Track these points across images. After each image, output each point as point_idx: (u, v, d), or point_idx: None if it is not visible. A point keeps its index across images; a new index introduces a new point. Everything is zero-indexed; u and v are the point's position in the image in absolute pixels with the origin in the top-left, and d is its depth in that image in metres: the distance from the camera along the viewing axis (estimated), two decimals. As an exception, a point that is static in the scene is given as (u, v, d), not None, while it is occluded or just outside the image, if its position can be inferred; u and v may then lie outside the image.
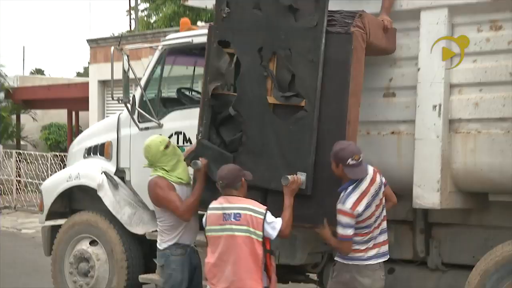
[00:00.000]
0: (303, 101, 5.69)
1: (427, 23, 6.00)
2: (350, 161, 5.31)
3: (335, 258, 5.63)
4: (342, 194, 5.37)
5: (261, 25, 5.98)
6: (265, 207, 5.40)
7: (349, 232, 5.32)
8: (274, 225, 5.36)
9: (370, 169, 5.46)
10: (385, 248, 5.56)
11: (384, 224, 5.57)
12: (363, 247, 5.47)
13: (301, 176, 5.54)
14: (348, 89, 5.59)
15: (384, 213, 5.56)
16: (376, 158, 6.10)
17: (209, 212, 5.51)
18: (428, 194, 5.90)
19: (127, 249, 7.94)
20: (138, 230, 7.86)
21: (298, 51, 5.75)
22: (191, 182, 6.32)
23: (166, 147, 6.25)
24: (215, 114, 6.14)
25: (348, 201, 5.32)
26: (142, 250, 8.05)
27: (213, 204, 5.49)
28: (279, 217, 5.41)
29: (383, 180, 5.50)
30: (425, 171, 5.90)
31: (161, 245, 6.22)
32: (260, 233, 5.30)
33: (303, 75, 5.72)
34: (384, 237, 5.56)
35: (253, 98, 5.95)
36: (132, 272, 7.93)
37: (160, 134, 7.62)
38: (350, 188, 5.35)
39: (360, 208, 5.32)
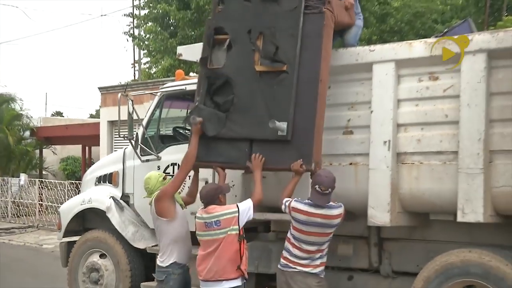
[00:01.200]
0: (285, 66, 5.90)
1: (378, 74, 6.03)
2: (316, 187, 5.42)
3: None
4: (299, 199, 5.57)
5: (250, 13, 6.29)
6: (236, 205, 5.53)
7: (287, 200, 5.61)
8: (247, 209, 5.51)
9: (336, 210, 5.47)
10: (317, 269, 5.58)
11: (321, 254, 5.59)
12: (292, 261, 5.57)
13: (283, 125, 5.65)
14: (321, 56, 5.82)
15: (326, 248, 5.61)
16: (337, 185, 6.04)
17: (196, 220, 5.61)
18: (380, 214, 5.88)
19: (131, 261, 7.85)
20: (140, 245, 7.77)
21: (281, 28, 6.03)
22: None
23: (164, 178, 6.25)
24: (210, 85, 6.25)
25: (295, 203, 5.51)
26: (143, 262, 7.94)
27: (197, 214, 5.61)
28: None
29: (336, 226, 5.53)
30: (377, 195, 5.89)
31: (163, 263, 6.11)
32: (237, 227, 5.41)
33: (285, 46, 5.95)
34: (320, 262, 5.61)
35: (244, 68, 6.12)
36: (135, 280, 7.83)
37: (159, 166, 7.63)
38: (305, 201, 5.50)
39: (296, 216, 5.47)
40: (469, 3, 19.12)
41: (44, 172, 24.35)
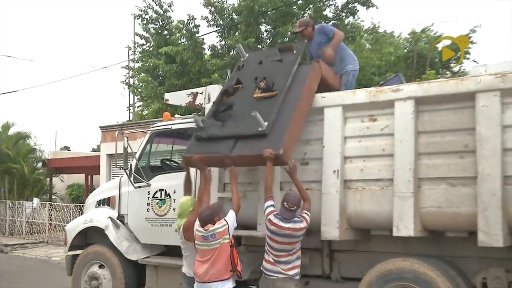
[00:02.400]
0: (276, 92, 6.16)
1: (328, 116, 6.07)
2: (285, 204, 5.53)
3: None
4: (275, 213, 5.57)
5: (260, 70, 6.77)
6: (224, 219, 5.50)
7: (270, 208, 5.62)
8: (232, 219, 5.56)
9: (301, 224, 5.49)
10: (291, 272, 5.58)
11: (291, 259, 5.59)
12: (268, 265, 5.61)
13: (264, 122, 5.72)
14: (304, 87, 6.09)
15: (296, 253, 5.63)
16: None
17: (195, 232, 5.58)
18: (331, 230, 5.86)
19: (125, 271, 7.73)
20: (133, 257, 7.66)
21: (279, 73, 6.48)
22: None
23: (192, 210, 6.09)
24: (218, 108, 6.50)
25: (271, 216, 5.55)
26: (136, 272, 7.81)
27: (197, 227, 5.57)
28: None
29: (300, 236, 5.54)
30: (328, 215, 5.87)
31: (183, 269, 6.23)
32: (228, 236, 5.44)
33: (279, 82, 6.29)
34: (287, 266, 5.59)
35: (245, 98, 6.39)
36: (129, 287, 7.75)
37: (149, 192, 7.56)
38: (278, 216, 5.53)
39: (269, 227, 5.52)
40: (399, 60, 19.53)
41: (53, 197, 24.17)
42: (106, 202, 8.28)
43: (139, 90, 20.10)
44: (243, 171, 6.29)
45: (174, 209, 6.82)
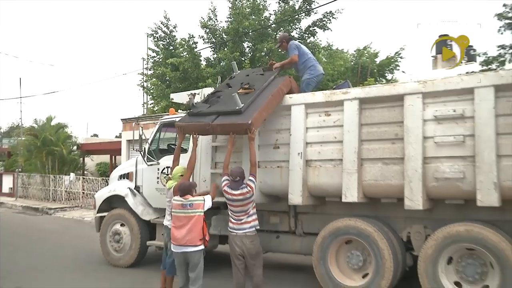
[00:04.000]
0: (253, 89, 6.24)
1: (294, 112, 6.04)
2: (231, 177, 5.48)
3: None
4: (228, 184, 5.46)
5: (246, 79, 6.80)
6: (203, 197, 5.36)
7: (224, 182, 5.52)
8: (209, 201, 5.37)
9: (246, 189, 5.35)
10: (247, 225, 5.40)
11: (248, 218, 5.41)
12: (233, 225, 5.44)
13: (241, 104, 5.78)
14: (275, 89, 6.12)
15: (251, 210, 5.44)
16: (270, 180, 6.08)
17: (173, 202, 5.39)
18: (296, 197, 5.87)
19: (141, 228, 7.63)
20: (146, 218, 7.57)
21: (260, 80, 6.55)
22: None
23: (182, 175, 6.02)
24: (208, 99, 6.53)
25: (225, 187, 5.47)
26: (148, 229, 7.71)
27: (175, 198, 5.40)
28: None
29: (251, 198, 5.39)
30: (294, 186, 5.87)
31: (165, 222, 6.08)
32: (202, 210, 5.25)
33: (258, 85, 6.34)
34: (245, 223, 5.40)
35: (232, 93, 6.15)
36: (143, 240, 7.64)
37: (158, 168, 7.47)
38: (228, 185, 5.46)
39: (226, 196, 5.44)
40: (347, 70, 19.51)
41: (85, 172, 23.87)
42: (126, 176, 8.15)
43: (151, 91, 19.86)
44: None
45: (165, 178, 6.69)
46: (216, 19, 17.84)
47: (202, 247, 5.24)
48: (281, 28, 17.29)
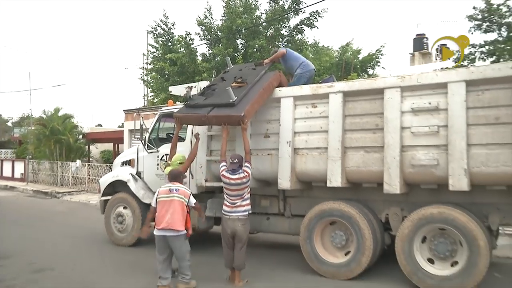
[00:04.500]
0: (246, 83, 6.17)
1: (283, 104, 6.00)
2: (230, 160, 5.39)
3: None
4: (226, 168, 5.38)
5: (239, 73, 6.71)
6: (190, 191, 5.22)
7: (222, 167, 5.41)
8: (193, 199, 5.20)
9: (242, 174, 5.28)
10: (241, 209, 5.30)
11: (243, 203, 5.31)
12: (227, 208, 5.34)
13: (234, 96, 5.73)
14: (266, 83, 6.07)
15: (246, 194, 5.33)
16: (260, 166, 6.05)
17: (162, 188, 5.26)
18: (285, 182, 5.85)
19: (142, 211, 7.57)
20: (147, 201, 7.47)
21: (252, 74, 6.47)
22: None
23: (181, 162, 6.02)
24: (204, 91, 6.48)
25: (224, 172, 5.37)
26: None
27: (164, 185, 5.31)
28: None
29: (247, 183, 5.31)
30: (283, 172, 5.86)
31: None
32: (187, 199, 5.11)
33: (250, 79, 6.26)
34: (239, 207, 5.30)
35: (226, 86, 6.11)
36: (143, 222, 7.57)
37: (158, 156, 7.41)
38: (226, 170, 5.37)
39: (223, 180, 5.33)
40: (332, 65, 19.44)
41: (90, 159, 23.70)
42: (128, 163, 8.08)
43: (151, 84, 19.66)
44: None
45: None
46: (211, 18, 17.66)
47: (183, 232, 5.03)
48: (271, 26, 17.15)
